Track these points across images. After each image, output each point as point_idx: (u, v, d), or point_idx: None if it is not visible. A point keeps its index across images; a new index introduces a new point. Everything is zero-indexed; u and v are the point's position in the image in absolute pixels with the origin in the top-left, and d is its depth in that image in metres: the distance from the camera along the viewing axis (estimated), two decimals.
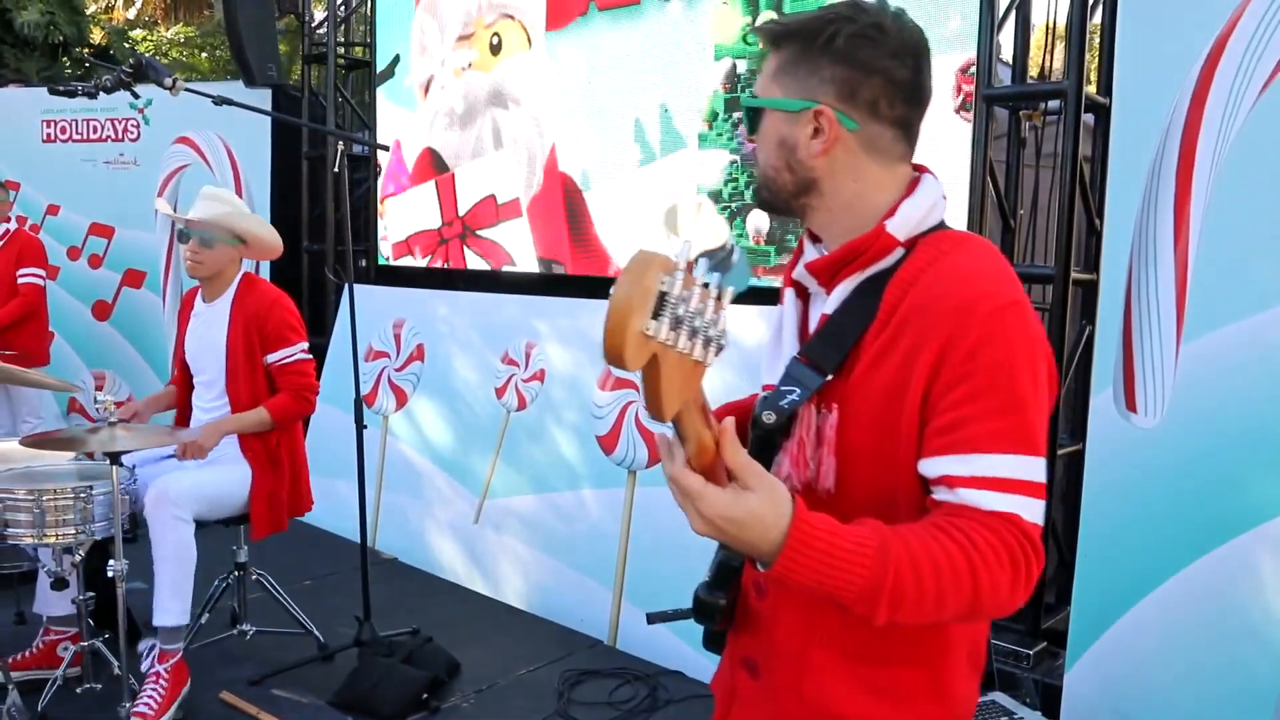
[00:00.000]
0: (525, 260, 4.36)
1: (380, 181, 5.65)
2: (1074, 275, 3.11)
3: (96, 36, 15.87)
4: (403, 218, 4.98)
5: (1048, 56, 3.67)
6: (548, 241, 4.67)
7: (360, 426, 3.63)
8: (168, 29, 18.63)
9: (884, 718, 1.23)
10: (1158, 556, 2.56)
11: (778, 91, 1.25)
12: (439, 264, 4.16)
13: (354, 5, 6.40)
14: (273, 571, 3.85)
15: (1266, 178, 2.34)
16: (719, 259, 1.02)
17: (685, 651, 3.66)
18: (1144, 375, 2.57)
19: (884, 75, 1.21)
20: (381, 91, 5.37)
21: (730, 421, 1.04)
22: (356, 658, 3.54)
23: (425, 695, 3.35)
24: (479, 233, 3.91)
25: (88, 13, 16.12)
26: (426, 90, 3.90)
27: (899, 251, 1.22)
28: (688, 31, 3.95)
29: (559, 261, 4.53)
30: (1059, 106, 3.13)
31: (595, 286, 4.65)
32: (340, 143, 3.65)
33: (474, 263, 4.24)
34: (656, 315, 0.89)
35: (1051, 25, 3.49)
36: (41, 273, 5.36)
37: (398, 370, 5.36)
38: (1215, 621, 2.47)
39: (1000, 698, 2.68)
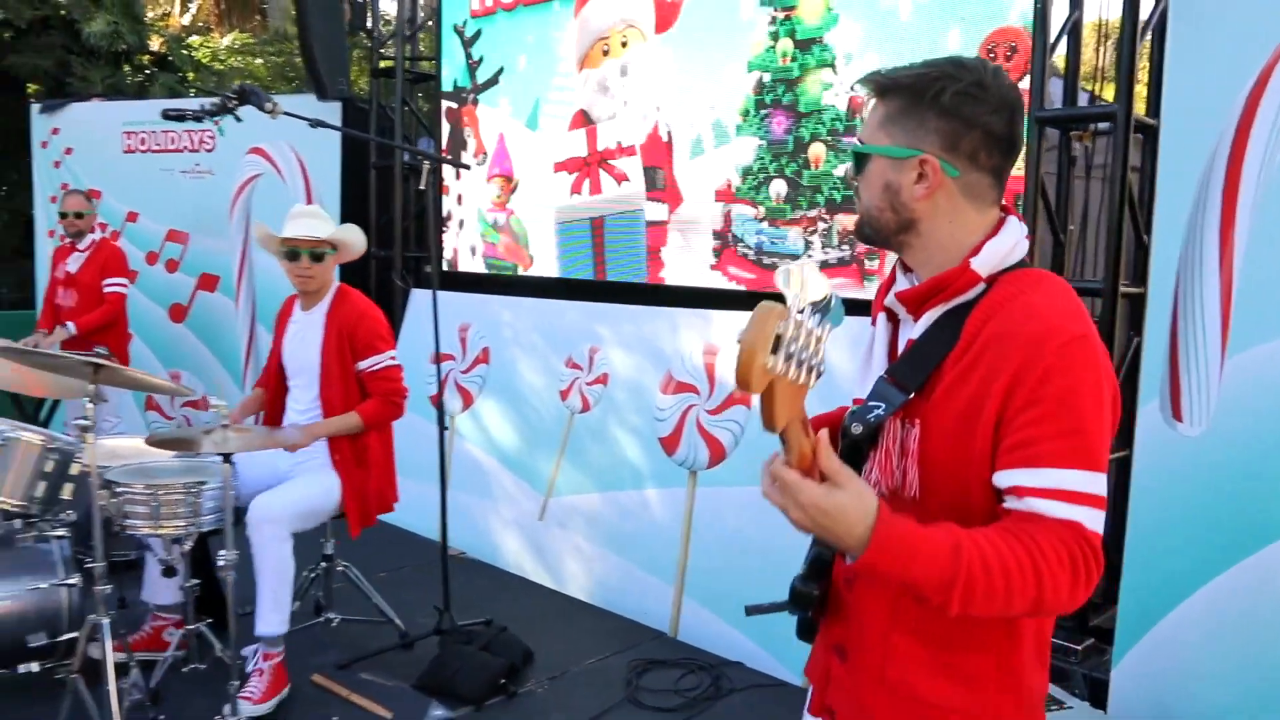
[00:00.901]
0: (636, 183, 4.52)
1: (461, 180, 5.88)
2: (1122, 289, 3.26)
3: (155, 44, 16.30)
4: (535, 165, 5.20)
5: (1098, 58, 3.77)
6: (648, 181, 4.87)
7: (442, 428, 3.86)
8: (221, 36, 19.10)
9: (957, 699, 1.39)
10: (1201, 559, 2.71)
11: (885, 139, 1.40)
12: (583, 185, 4.55)
13: (420, 23, 6.65)
14: (353, 565, 4.10)
15: None
16: (821, 307, 1.22)
17: (745, 643, 3.86)
18: (1190, 386, 2.72)
19: (984, 129, 1.36)
20: (483, 99, 5.59)
21: (824, 433, 1.24)
22: (437, 645, 3.77)
23: (503, 680, 3.57)
24: (610, 161, 4.33)
25: (147, 21, 16.56)
26: (581, 65, 4.52)
27: (981, 286, 1.37)
28: (728, 51, 4.34)
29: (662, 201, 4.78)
30: (1109, 126, 3.28)
31: (650, 296, 4.85)
32: (419, 159, 3.87)
33: (606, 183, 4.53)
34: (774, 352, 1.13)
35: (1103, 34, 3.61)
36: (125, 282, 5.64)
37: (464, 372, 5.60)
38: (1256, 621, 2.61)
39: (1051, 689, 2.84)
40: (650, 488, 4.52)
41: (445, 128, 5.91)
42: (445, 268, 6.00)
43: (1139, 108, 3.39)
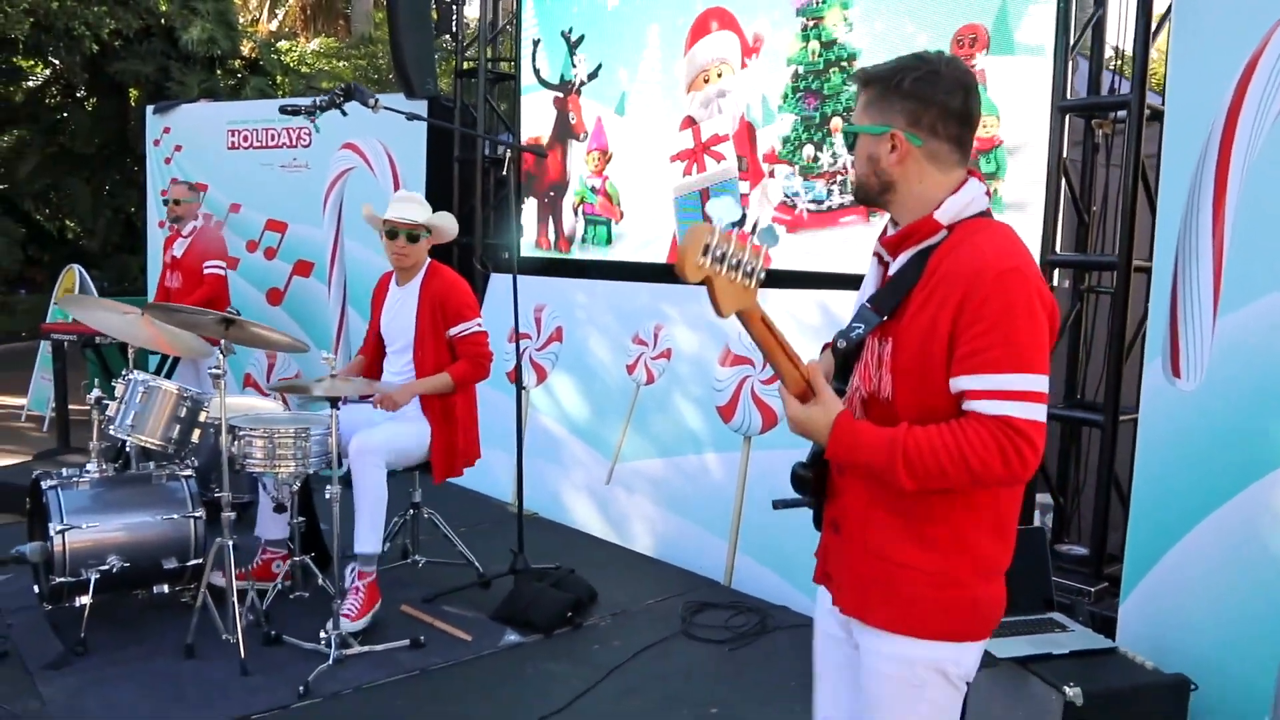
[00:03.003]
0: (731, 161, 5.21)
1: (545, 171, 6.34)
2: (1136, 263, 3.56)
3: (246, 49, 17.09)
4: (625, 142, 5.89)
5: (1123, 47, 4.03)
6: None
7: (519, 388, 4.31)
8: (307, 41, 19.93)
9: (920, 559, 1.74)
10: (1198, 498, 3.01)
11: (865, 120, 1.77)
12: (692, 169, 5.44)
13: (501, 25, 7.13)
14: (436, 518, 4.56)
15: None
16: (745, 227, 1.67)
17: (791, 591, 4.22)
18: (1187, 345, 3.02)
19: (940, 106, 1.73)
20: (587, 90, 6.13)
21: (815, 361, 1.74)
22: (512, 583, 4.20)
23: (570, 613, 3.99)
24: (712, 148, 5.08)
25: (239, 27, 17.37)
26: (689, 89, 5.46)
27: (943, 232, 1.73)
28: (775, 54, 5.03)
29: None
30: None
31: None
32: (499, 149, 4.31)
33: (709, 164, 5.27)
34: (704, 254, 1.56)
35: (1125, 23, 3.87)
36: (223, 264, 6.16)
37: (538, 350, 6.05)
38: (1250, 550, 2.90)
39: (1058, 616, 3.15)
40: (708, 452, 4.91)
41: (554, 113, 6.34)
42: (526, 250, 6.47)
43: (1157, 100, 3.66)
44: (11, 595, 4.07)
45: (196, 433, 3.93)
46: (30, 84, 16.91)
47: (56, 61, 15.70)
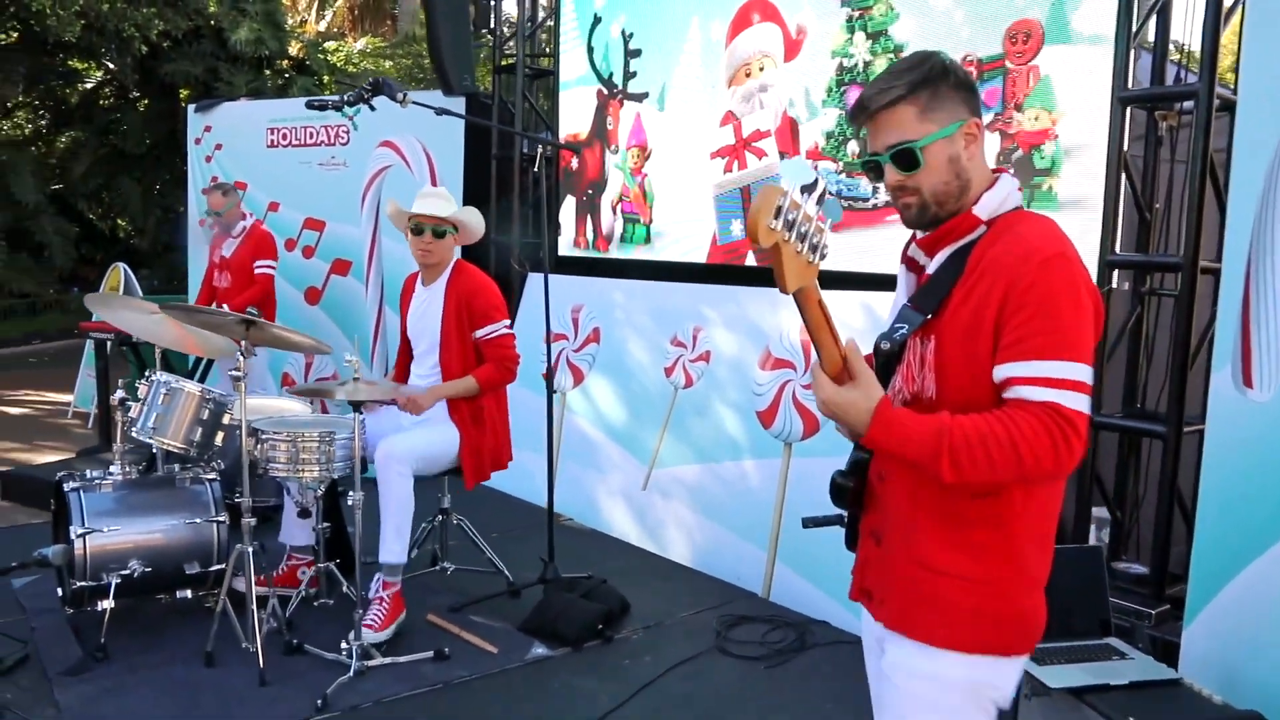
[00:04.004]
0: (773, 157, 5.06)
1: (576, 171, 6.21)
2: (1202, 264, 3.33)
3: (294, 50, 17.21)
4: (665, 138, 5.76)
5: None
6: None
7: (550, 391, 4.18)
8: (354, 40, 20.04)
9: (966, 567, 1.65)
10: (1270, 519, 2.79)
11: (933, 127, 1.65)
12: (733, 165, 5.30)
13: (540, 21, 7.02)
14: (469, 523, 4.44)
15: None
16: (819, 198, 1.52)
17: (832, 606, 4.04)
18: (1260, 354, 2.81)
19: (975, 90, 1.69)
20: (629, 86, 6.03)
21: (853, 340, 1.59)
22: (542, 593, 4.07)
23: (601, 626, 3.84)
24: (753, 144, 4.95)
25: (286, 28, 17.50)
26: (730, 83, 5.31)
27: (982, 228, 1.66)
28: (818, 46, 4.85)
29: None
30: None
31: (755, 277, 5.09)
32: (536, 146, 4.18)
33: (750, 160, 5.13)
34: (775, 217, 1.44)
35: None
36: (273, 264, 6.12)
37: (575, 351, 5.92)
38: None
39: (1115, 642, 2.94)
40: (748, 459, 4.75)
41: (593, 110, 6.22)
42: (564, 249, 6.35)
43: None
44: (39, 596, 4.03)
45: (220, 435, 3.84)
46: (85, 86, 17.19)
47: (110, 64, 15.93)
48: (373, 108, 3.86)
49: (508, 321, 4.05)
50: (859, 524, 1.83)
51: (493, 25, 6.83)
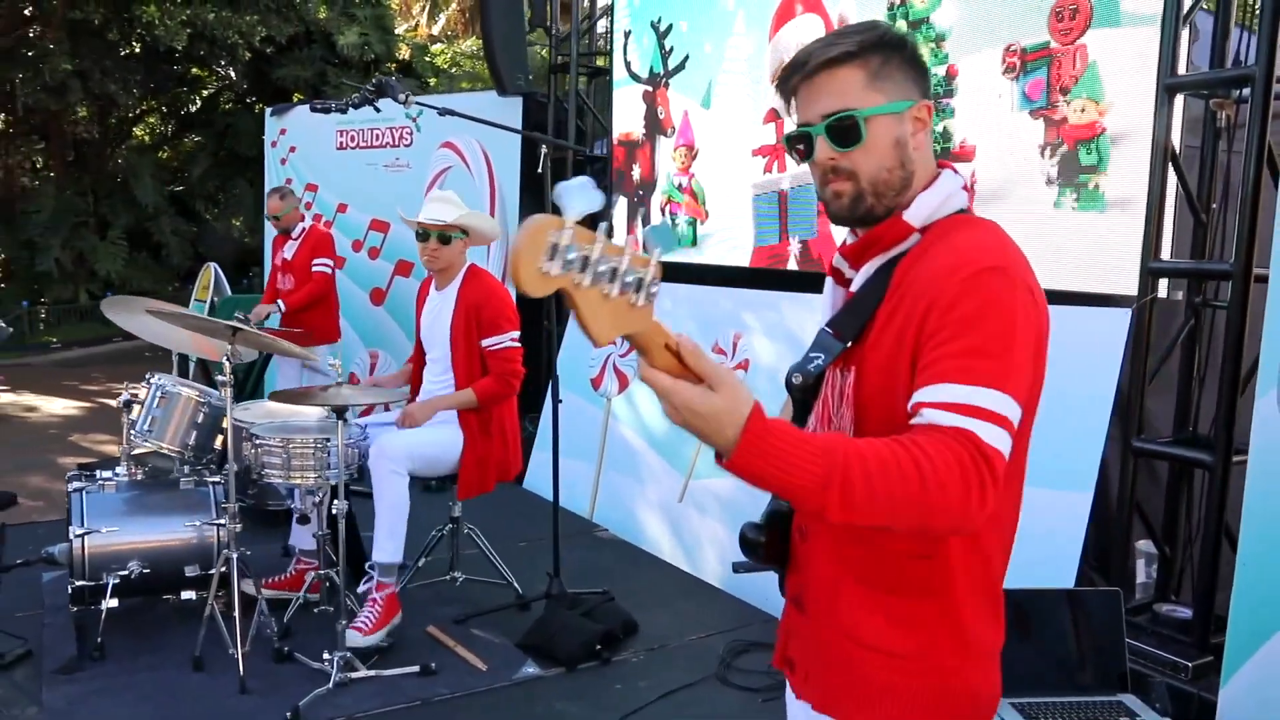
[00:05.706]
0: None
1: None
2: (1257, 271, 2.95)
3: (403, 53, 17.56)
4: (711, 137, 5.58)
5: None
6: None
7: (556, 400, 4.04)
8: (466, 42, 20.31)
9: (899, 643, 1.38)
10: None
11: (881, 98, 1.35)
12: (773, 166, 5.11)
13: (595, 18, 6.89)
14: (493, 531, 4.33)
15: None
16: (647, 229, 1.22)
17: None
18: None
19: (929, 77, 1.41)
20: (674, 82, 5.87)
21: (688, 338, 1.19)
22: (545, 608, 3.93)
23: (599, 646, 3.67)
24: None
25: (397, 32, 17.88)
26: (774, 79, 5.03)
27: (915, 236, 1.37)
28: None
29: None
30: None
31: (796, 282, 4.84)
32: (544, 146, 4.05)
33: (789, 163, 4.98)
34: (552, 257, 1.06)
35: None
36: (330, 263, 6.16)
37: (622, 356, 5.76)
38: None
39: (1129, 700, 2.62)
40: None
41: (642, 107, 6.08)
42: None
43: None
44: (58, 593, 4.09)
45: (220, 439, 3.83)
46: (206, 92, 17.93)
47: (227, 71, 16.55)
48: (377, 109, 3.79)
49: (516, 333, 3.90)
50: (783, 582, 1.57)
51: (549, 23, 6.73)
